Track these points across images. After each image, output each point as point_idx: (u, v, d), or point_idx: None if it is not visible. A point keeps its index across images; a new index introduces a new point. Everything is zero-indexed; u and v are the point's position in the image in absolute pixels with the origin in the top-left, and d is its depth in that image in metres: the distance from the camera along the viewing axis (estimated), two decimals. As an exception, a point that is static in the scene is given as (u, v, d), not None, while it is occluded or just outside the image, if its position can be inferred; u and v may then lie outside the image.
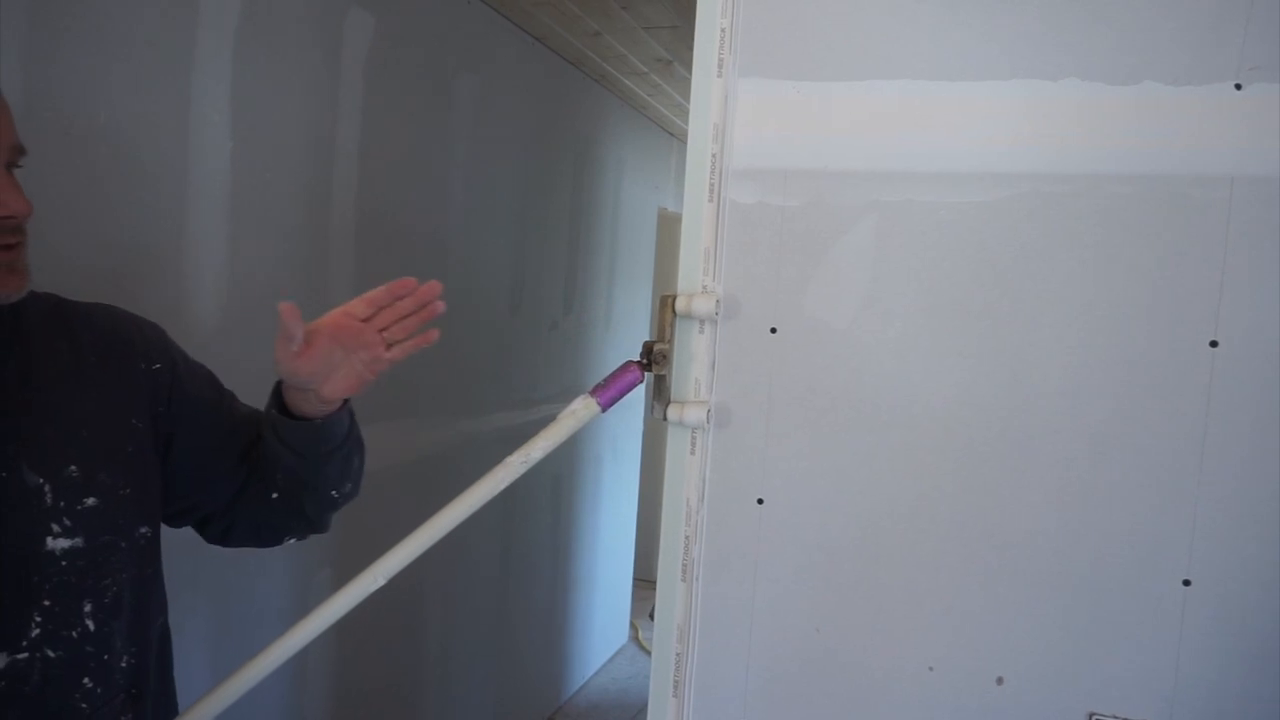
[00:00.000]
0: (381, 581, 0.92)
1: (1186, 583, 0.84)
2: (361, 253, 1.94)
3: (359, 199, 1.92)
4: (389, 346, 0.91)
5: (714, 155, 0.95)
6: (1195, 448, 0.83)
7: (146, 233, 1.44)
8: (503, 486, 0.93)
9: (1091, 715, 0.86)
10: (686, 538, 0.97)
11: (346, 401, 0.96)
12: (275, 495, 0.99)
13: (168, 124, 1.46)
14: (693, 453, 0.97)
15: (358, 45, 1.88)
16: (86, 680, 0.85)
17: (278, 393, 0.96)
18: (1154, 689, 0.85)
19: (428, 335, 0.92)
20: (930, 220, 0.90)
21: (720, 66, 0.95)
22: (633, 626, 3.95)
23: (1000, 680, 0.89)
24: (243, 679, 0.90)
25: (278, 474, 0.97)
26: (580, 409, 0.94)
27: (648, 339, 0.97)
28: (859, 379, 0.93)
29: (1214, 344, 0.82)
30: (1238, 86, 0.81)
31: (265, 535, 1.04)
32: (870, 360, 0.92)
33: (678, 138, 3.81)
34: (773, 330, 0.95)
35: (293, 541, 1.05)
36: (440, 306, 0.92)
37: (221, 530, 1.03)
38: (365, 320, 0.90)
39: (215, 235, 1.56)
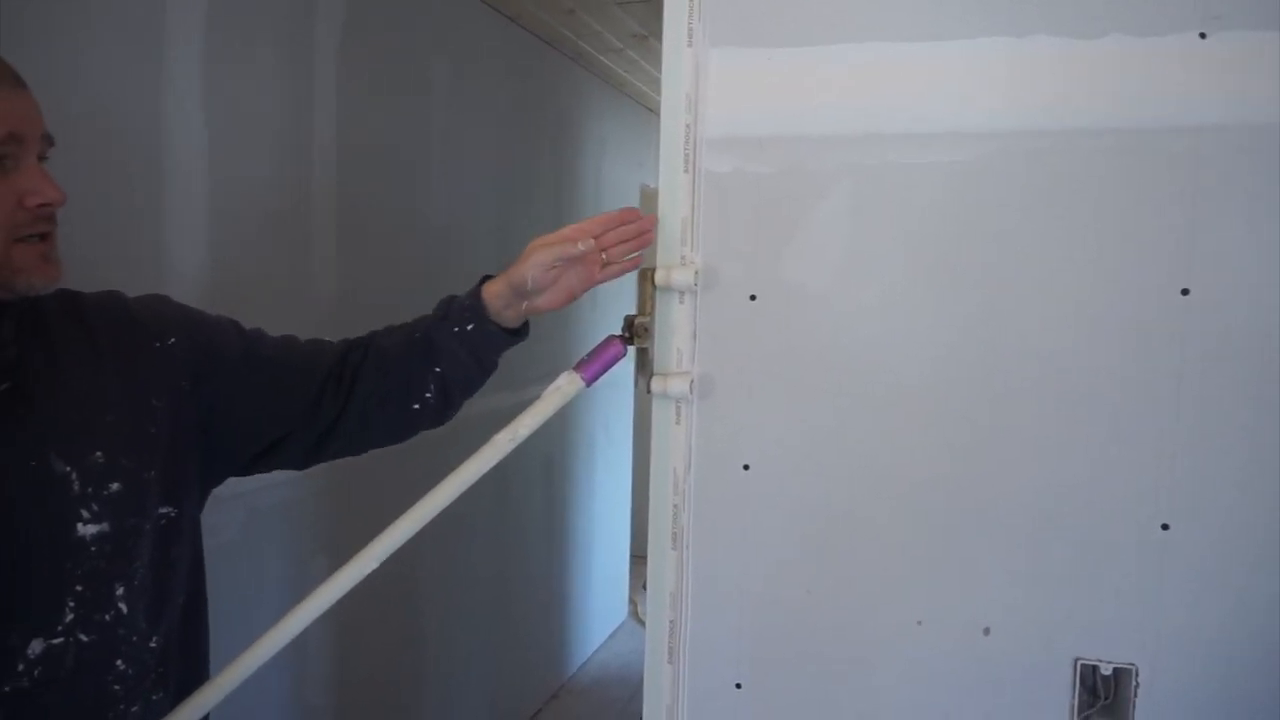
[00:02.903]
0: (374, 565, 0.93)
1: (1165, 527, 0.85)
2: (342, 239, 1.93)
3: (338, 185, 1.91)
4: (604, 266, 0.98)
5: (688, 125, 0.96)
6: (1171, 394, 0.85)
7: (122, 225, 1.43)
8: (490, 465, 0.94)
9: (1077, 661, 0.88)
10: (675, 506, 0.98)
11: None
12: (418, 404, 1.02)
13: (139, 114, 1.45)
14: (678, 422, 0.98)
15: (330, 31, 1.87)
16: (119, 662, 0.86)
17: (474, 303, 1.00)
18: (1137, 633, 0.87)
19: (635, 260, 0.99)
20: (905, 182, 0.91)
21: (690, 36, 0.95)
22: (631, 602, 3.99)
23: (987, 631, 0.91)
24: (240, 667, 0.91)
25: (433, 383, 1.01)
26: (565, 385, 0.94)
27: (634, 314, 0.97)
28: (840, 343, 0.94)
29: (1185, 292, 0.84)
30: (1202, 35, 0.82)
31: (400, 434, 1.07)
32: (850, 323, 0.93)
33: (657, 114, 3.79)
34: (752, 298, 0.95)
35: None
36: (652, 237, 0.98)
37: (343, 444, 1.04)
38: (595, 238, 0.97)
39: (192, 226, 1.56)
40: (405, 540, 0.93)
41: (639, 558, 4.24)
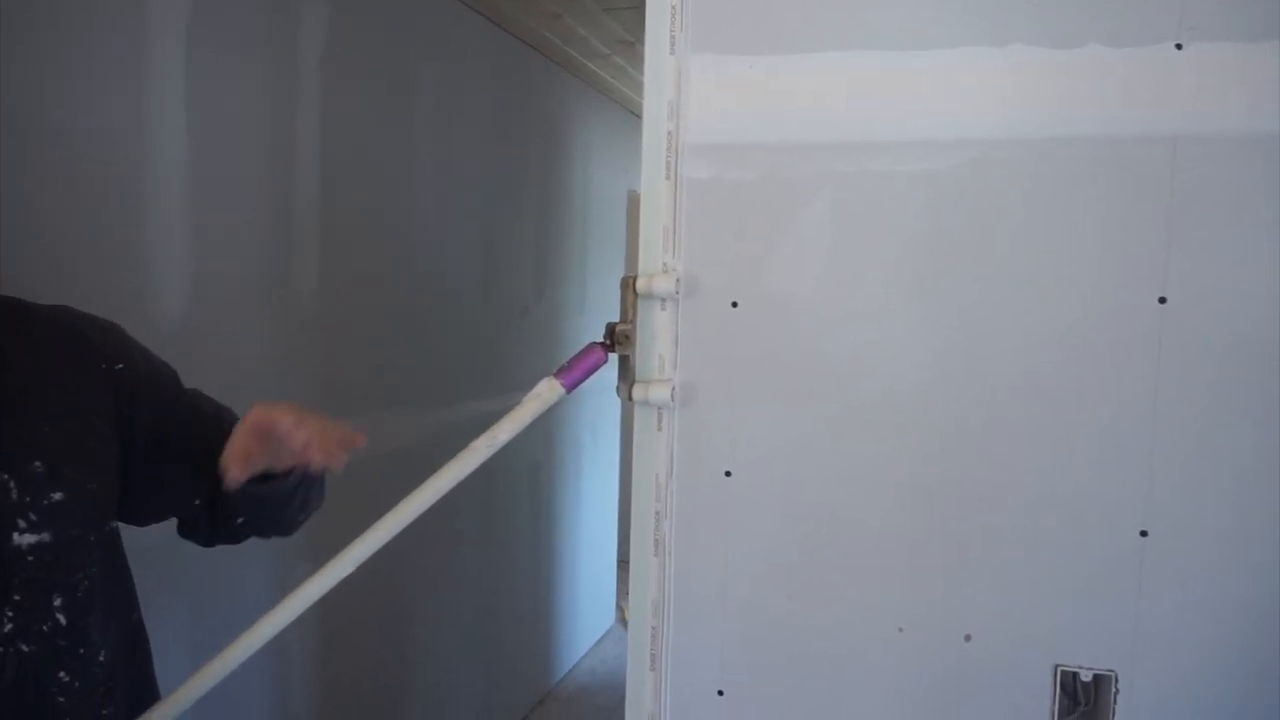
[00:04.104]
0: (351, 568, 0.93)
1: (1143, 534, 0.86)
2: (326, 245, 1.92)
3: (322, 191, 1.90)
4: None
5: (669, 132, 0.96)
6: (1148, 401, 0.85)
7: (105, 232, 1.42)
8: (468, 471, 0.93)
9: (1057, 667, 0.89)
10: (657, 513, 0.98)
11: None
12: (241, 520, 1.00)
13: (122, 120, 1.44)
14: (660, 429, 0.97)
15: (314, 35, 1.86)
16: (62, 674, 0.85)
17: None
18: (1116, 639, 0.87)
19: (355, 439, 0.91)
20: (884, 189, 0.91)
21: (672, 43, 0.95)
22: (619, 608, 3.98)
23: (968, 638, 0.91)
24: (213, 670, 0.91)
25: (240, 515, 0.99)
26: (544, 391, 0.94)
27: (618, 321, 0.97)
28: (820, 349, 0.94)
29: (1163, 300, 0.84)
30: (1178, 47, 0.82)
31: (246, 536, 1.05)
32: (831, 331, 0.93)
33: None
34: (734, 305, 0.96)
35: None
36: (360, 440, 0.90)
37: (208, 532, 1.03)
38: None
39: (175, 232, 1.54)
40: (382, 544, 0.93)
41: (626, 563, 4.23)
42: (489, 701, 2.82)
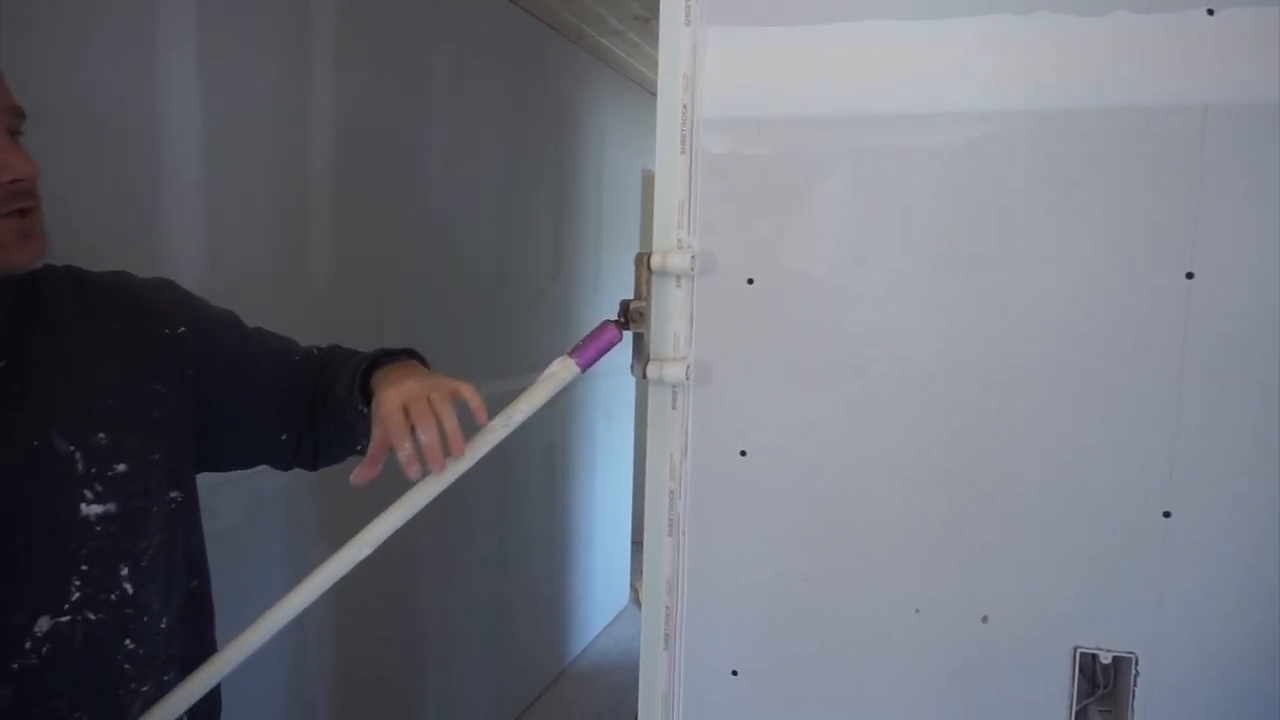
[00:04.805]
0: (368, 550, 0.92)
1: (1166, 514, 0.84)
2: (341, 227, 1.92)
3: (337, 172, 1.90)
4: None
5: (684, 106, 0.94)
6: (1173, 380, 0.83)
7: (118, 214, 1.42)
8: (485, 451, 0.92)
9: (1076, 649, 0.87)
10: (671, 493, 0.97)
11: None
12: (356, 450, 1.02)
13: (134, 102, 1.43)
14: (674, 408, 0.96)
15: (328, 15, 1.85)
16: (128, 641, 0.87)
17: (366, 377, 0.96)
18: (1137, 621, 0.86)
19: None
20: (906, 164, 0.89)
21: (688, 14, 0.93)
22: (633, 589, 3.99)
23: (986, 619, 0.90)
24: (237, 649, 0.91)
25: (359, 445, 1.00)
26: (559, 370, 0.93)
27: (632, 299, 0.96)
28: (839, 328, 0.92)
29: (1190, 275, 0.82)
30: (1210, 12, 0.80)
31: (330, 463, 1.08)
32: (850, 308, 0.92)
33: (659, 98, 3.75)
34: (750, 282, 0.94)
35: None
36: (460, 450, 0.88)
37: (289, 459, 1.06)
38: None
39: (190, 214, 1.54)
40: (401, 524, 0.93)
41: (641, 543, 4.24)
42: (503, 680, 2.83)
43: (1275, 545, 0.82)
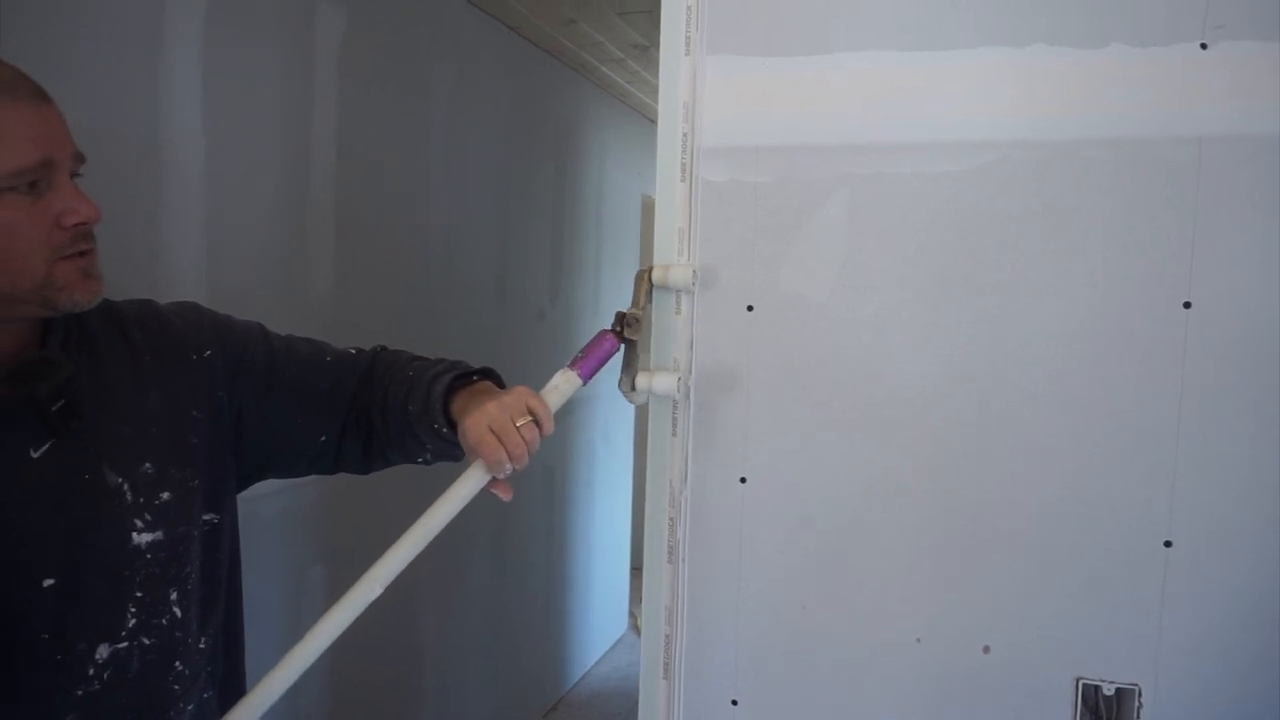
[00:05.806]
0: (379, 590, 0.92)
1: (1168, 544, 0.84)
2: (341, 246, 1.93)
3: (337, 192, 1.91)
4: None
5: (685, 134, 0.95)
6: (1172, 409, 0.83)
7: (120, 232, 1.43)
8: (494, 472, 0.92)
9: (1079, 680, 0.87)
10: (670, 519, 0.97)
11: None
12: (423, 459, 1.03)
13: (137, 121, 1.44)
14: (674, 434, 0.96)
15: (330, 37, 1.87)
16: (178, 663, 0.89)
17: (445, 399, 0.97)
18: (1138, 652, 0.85)
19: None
20: (903, 192, 0.90)
21: (688, 45, 0.94)
22: (631, 615, 3.96)
23: (987, 649, 0.89)
24: (255, 702, 0.90)
25: (420, 458, 1.01)
26: (561, 383, 0.93)
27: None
28: (838, 355, 0.92)
29: (1187, 305, 0.82)
30: (1204, 46, 0.81)
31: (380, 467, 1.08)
32: (848, 335, 0.92)
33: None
34: (749, 308, 0.94)
35: None
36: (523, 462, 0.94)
37: (334, 462, 1.05)
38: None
39: (191, 232, 1.55)
40: (410, 560, 0.92)
41: (640, 569, 4.22)
42: (501, 707, 2.81)
43: (1277, 574, 0.82)
